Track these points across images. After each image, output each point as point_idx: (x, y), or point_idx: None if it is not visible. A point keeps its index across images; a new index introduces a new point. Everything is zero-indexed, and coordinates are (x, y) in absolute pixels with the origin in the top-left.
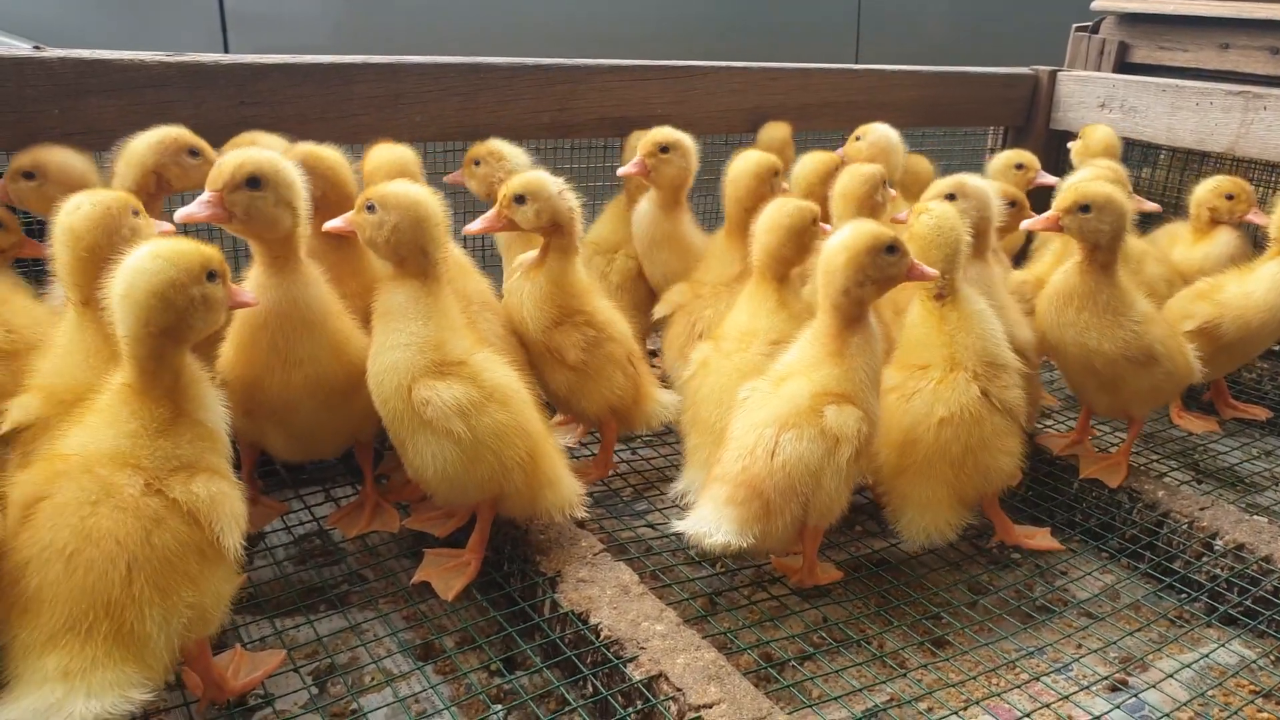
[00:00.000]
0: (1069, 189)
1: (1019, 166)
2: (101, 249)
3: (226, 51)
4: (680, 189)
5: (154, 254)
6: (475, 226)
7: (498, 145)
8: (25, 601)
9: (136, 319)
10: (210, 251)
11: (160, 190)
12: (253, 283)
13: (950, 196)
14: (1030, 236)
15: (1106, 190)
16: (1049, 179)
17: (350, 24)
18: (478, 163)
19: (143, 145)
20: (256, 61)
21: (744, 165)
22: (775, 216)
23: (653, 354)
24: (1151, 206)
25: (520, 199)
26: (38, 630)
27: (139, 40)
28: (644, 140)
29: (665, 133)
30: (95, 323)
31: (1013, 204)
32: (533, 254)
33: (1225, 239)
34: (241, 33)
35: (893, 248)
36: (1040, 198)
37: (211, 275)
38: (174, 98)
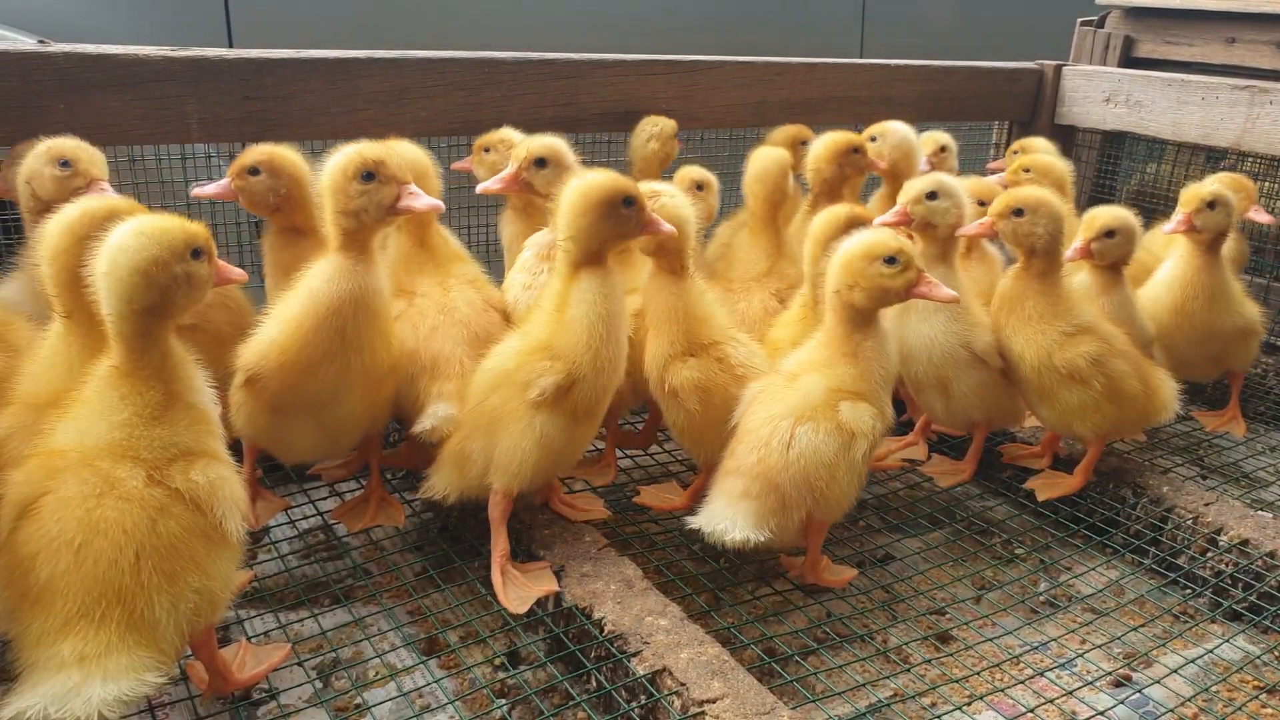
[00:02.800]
0: (1004, 194)
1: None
2: (69, 257)
3: (231, 44)
4: (707, 222)
5: (137, 231)
6: (492, 185)
7: (509, 133)
8: (36, 593)
9: (120, 296)
10: (195, 228)
11: (40, 204)
12: (332, 268)
13: (932, 195)
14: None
15: (1040, 193)
16: (1264, 216)
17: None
18: (488, 150)
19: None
20: (261, 56)
21: (770, 163)
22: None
23: None
24: None
25: (541, 162)
26: (51, 619)
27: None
28: (676, 178)
29: (698, 172)
30: (81, 337)
31: (983, 204)
32: (544, 236)
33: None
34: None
35: (893, 259)
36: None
37: (196, 253)
38: (178, 92)
